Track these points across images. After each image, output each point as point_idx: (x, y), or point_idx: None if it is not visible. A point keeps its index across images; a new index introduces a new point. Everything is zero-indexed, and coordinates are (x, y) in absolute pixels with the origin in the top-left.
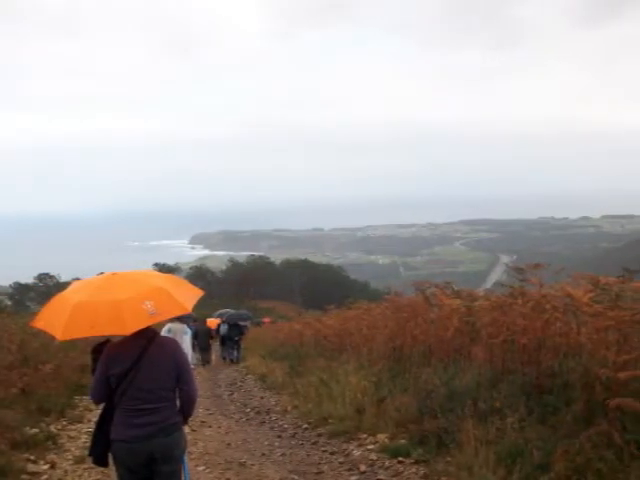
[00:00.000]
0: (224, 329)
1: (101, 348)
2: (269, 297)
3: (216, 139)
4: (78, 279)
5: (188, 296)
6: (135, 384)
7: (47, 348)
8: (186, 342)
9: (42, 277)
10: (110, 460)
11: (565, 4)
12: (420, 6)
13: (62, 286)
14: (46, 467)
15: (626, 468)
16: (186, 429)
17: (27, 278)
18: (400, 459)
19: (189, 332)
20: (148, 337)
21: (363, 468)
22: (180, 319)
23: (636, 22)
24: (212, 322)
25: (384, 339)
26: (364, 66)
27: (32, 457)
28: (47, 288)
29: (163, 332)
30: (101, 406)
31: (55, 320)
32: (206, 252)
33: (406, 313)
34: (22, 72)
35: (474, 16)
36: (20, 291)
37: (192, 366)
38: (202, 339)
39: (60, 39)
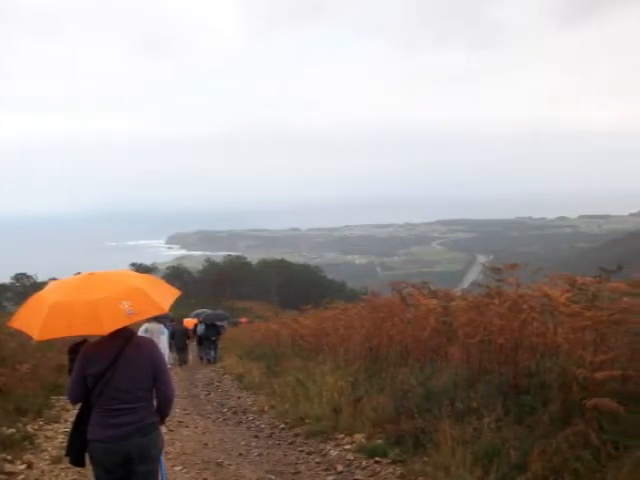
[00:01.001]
0: (201, 329)
1: (78, 348)
2: (246, 297)
3: (194, 140)
4: (55, 279)
5: (165, 296)
6: (112, 384)
7: (24, 348)
8: (163, 342)
9: (19, 277)
10: (87, 460)
11: (545, 6)
12: (402, 8)
13: (39, 286)
14: (23, 467)
15: (603, 468)
16: (163, 429)
17: (4, 278)
18: (377, 459)
19: (166, 332)
20: (125, 337)
21: (340, 468)
22: (157, 319)
23: (614, 23)
24: (189, 322)
25: (361, 339)
26: (346, 67)
27: (9, 457)
28: (24, 288)
29: (140, 332)
30: (78, 406)
31: (32, 320)
32: (183, 252)
33: (383, 313)
34: (3, 72)
35: (456, 18)
36: None
37: (169, 366)
38: (179, 339)
39: (40, 39)
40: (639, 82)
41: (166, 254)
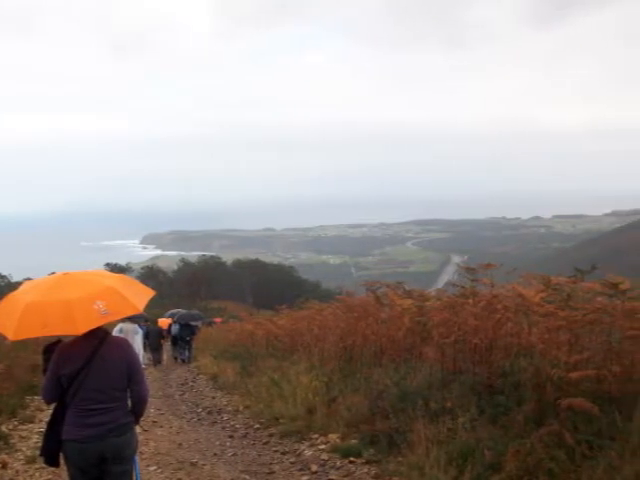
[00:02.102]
0: (175, 329)
1: (53, 348)
2: (220, 297)
3: (168, 140)
4: (30, 279)
5: (140, 296)
6: (86, 384)
7: None
8: (137, 342)
9: None
10: (62, 460)
11: (515, 6)
12: (370, 7)
13: (14, 286)
14: None
15: (577, 468)
16: (137, 429)
17: None
18: (351, 459)
19: (140, 332)
20: (99, 337)
21: (314, 468)
22: (131, 319)
23: (588, 24)
24: (163, 322)
25: (335, 339)
26: (319, 66)
27: None
28: None
29: (114, 332)
30: (52, 406)
31: (6, 320)
32: (157, 252)
33: (357, 313)
34: None
35: (431, 18)
36: None
37: (143, 366)
38: (153, 339)
39: (11, 38)
40: (613, 83)
41: (141, 254)
